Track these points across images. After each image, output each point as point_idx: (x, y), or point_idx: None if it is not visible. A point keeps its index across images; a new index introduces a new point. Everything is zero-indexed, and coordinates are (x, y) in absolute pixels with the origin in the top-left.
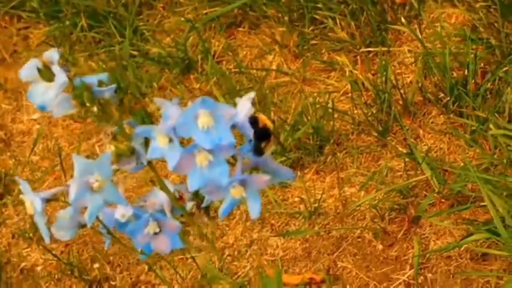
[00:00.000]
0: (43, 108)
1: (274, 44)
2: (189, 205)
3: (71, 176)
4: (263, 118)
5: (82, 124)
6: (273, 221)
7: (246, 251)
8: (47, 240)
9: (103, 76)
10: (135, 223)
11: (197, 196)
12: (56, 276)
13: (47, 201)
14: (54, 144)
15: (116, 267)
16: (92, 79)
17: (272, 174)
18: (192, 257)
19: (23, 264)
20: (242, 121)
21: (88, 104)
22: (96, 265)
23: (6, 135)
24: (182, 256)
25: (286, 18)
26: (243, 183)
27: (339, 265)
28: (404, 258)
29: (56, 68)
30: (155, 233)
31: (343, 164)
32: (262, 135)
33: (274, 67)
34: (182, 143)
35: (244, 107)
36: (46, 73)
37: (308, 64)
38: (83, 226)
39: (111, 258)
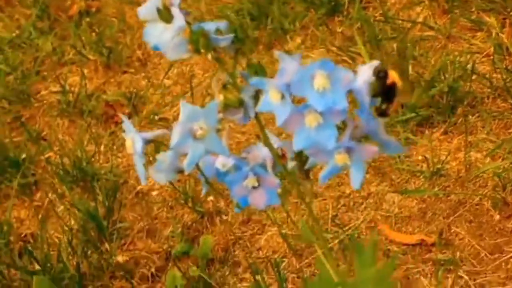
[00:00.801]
0: (158, 48)
1: None
2: (291, 164)
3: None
4: (393, 75)
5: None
6: (393, 176)
7: (362, 203)
8: (143, 181)
9: (223, 24)
10: (235, 175)
11: (300, 156)
12: (169, 204)
13: (148, 142)
14: (188, 70)
15: (230, 203)
16: (210, 26)
17: (382, 145)
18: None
19: (139, 188)
20: (360, 87)
21: (202, 51)
22: (210, 198)
23: (144, 55)
24: (296, 200)
25: None
26: (349, 151)
27: (452, 230)
28: None
29: (175, 11)
30: (254, 187)
31: (473, 128)
32: (387, 93)
33: (420, 19)
34: (293, 100)
35: (364, 73)
36: (165, 14)
37: (456, 21)
38: (181, 171)
39: (226, 192)
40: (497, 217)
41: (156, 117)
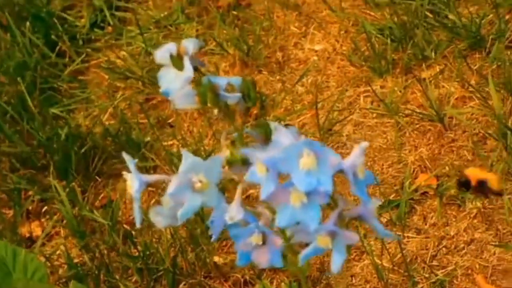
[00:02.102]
0: (167, 94)
1: None
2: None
3: None
4: (472, 173)
5: (358, 69)
6: (500, 226)
7: (463, 248)
8: (138, 224)
9: (236, 80)
10: (241, 229)
11: (283, 232)
12: None
13: (148, 185)
14: (323, 81)
15: None
16: (221, 81)
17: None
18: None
19: (250, 191)
20: (347, 168)
21: (209, 105)
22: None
23: (283, 57)
24: (400, 234)
25: None
26: (332, 234)
27: None
28: None
29: (186, 60)
30: (258, 245)
31: None
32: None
33: None
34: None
35: (354, 154)
36: (176, 62)
37: None
38: None
39: None
40: None
41: (282, 123)
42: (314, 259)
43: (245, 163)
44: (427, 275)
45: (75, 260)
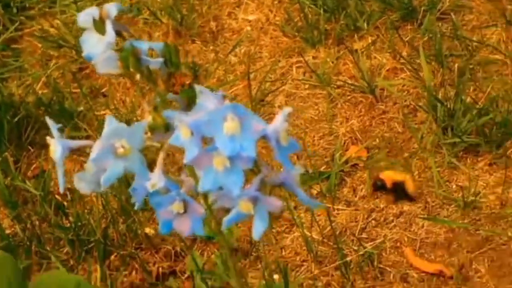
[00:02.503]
0: (90, 58)
1: (502, 18)
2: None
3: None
4: (388, 177)
5: (291, 40)
6: (429, 199)
7: (392, 220)
8: (61, 189)
9: (158, 45)
10: (162, 197)
11: (205, 198)
12: None
13: (71, 150)
14: (256, 51)
15: None
16: (143, 45)
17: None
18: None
19: (181, 163)
20: (271, 134)
21: (131, 70)
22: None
23: (217, 27)
24: (330, 206)
25: None
26: (254, 200)
27: (473, 266)
28: None
29: (108, 25)
30: (179, 213)
31: None
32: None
33: (493, 41)
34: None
35: (276, 121)
36: (99, 26)
37: None
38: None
39: None
40: None
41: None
42: (244, 232)
43: (168, 129)
44: (356, 248)
45: (7, 231)
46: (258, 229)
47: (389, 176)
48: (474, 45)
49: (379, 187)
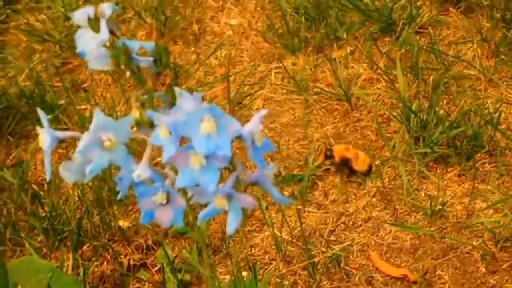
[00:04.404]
0: (83, 54)
1: (478, 35)
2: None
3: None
4: (338, 151)
5: (271, 45)
6: (397, 206)
7: (361, 225)
8: (48, 177)
9: (149, 45)
10: (146, 187)
11: (184, 193)
12: None
13: (60, 141)
14: (236, 55)
15: None
16: (134, 45)
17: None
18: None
19: (158, 159)
20: (246, 135)
21: (122, 67)
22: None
23: (199, 30)
24: (301, 207)
25: (498, 14)
26: (228, 197)
27: (437, 272)
28: None
29: (102, 23)
30: (162, 204)
31: (486, 177)
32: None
33: (469, 57)
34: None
35: (253, 121)
36: (94, 24)
37: (500, 67)
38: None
39: None
40: (483, 270)
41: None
42: (215, 228)
43: (153, 125)
44: (324, 249)
45: None
46: (232, 224)
47: (339, 151)
48: (450, 59)
49: (328, 157)
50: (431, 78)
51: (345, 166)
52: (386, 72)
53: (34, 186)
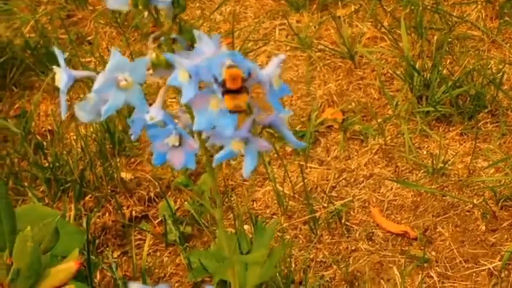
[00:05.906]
0: None
1: None
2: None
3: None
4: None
5: (276, 2)
6: (399, 163)
7: (362, 181)
8: (63, 115)
9: None
10: (159, 130)
11: (199, 135)
12: None
13: (76, 80)
14: (240, 11)
15: None
16: None
17: (284, 138)
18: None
19: None
20: (264, 79)
21: (140, 7)
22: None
23: None
24: (303, 163)
25: None
26: (245, 140)
27: (437, 230)
28: (499, 248)
29: None
30: (174, 146)
31: (487, 136)
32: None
33: (473, 17)
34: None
35: (271, 65)
36: None
37: (503, 29)
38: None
39: None
40: (483, 228)
41: None
42: (218, 182)
43: (169, 66)
44: (325, 205)
45: None
46: (248, 167)
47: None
48: (454, 20)
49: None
50: (435, 38)
51: None
52: (390, 31)
53: (37, 136)
